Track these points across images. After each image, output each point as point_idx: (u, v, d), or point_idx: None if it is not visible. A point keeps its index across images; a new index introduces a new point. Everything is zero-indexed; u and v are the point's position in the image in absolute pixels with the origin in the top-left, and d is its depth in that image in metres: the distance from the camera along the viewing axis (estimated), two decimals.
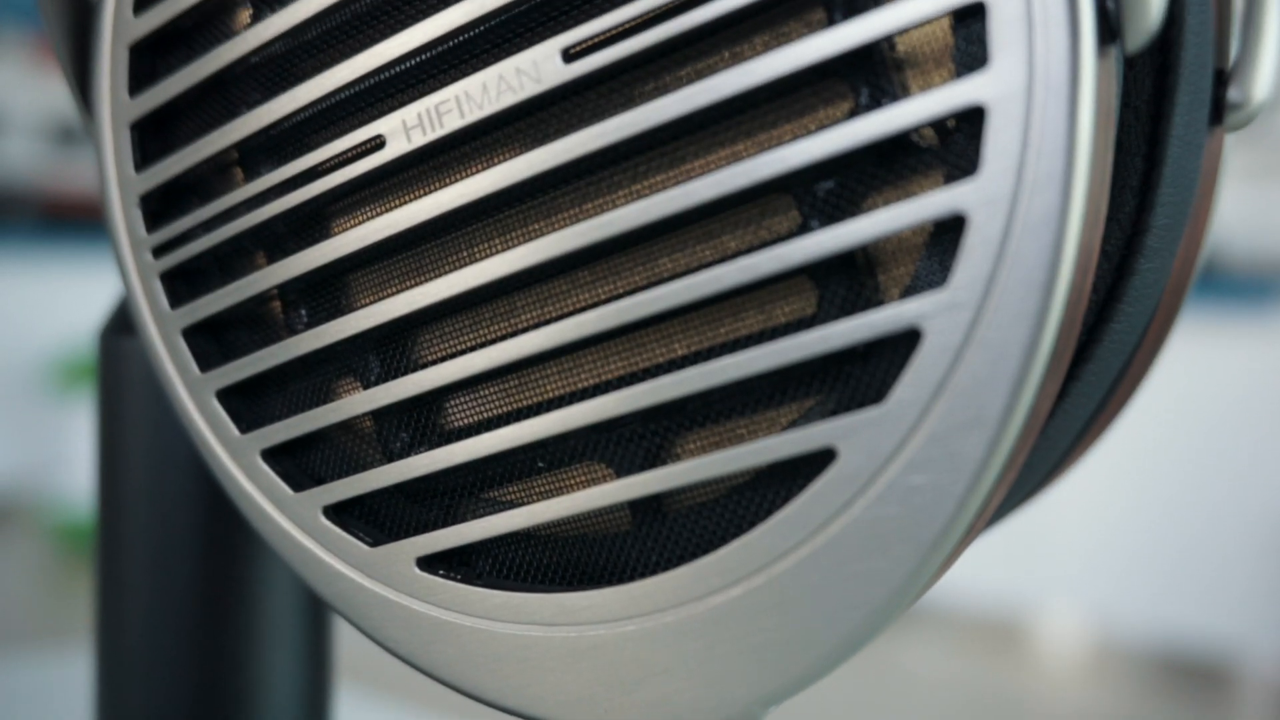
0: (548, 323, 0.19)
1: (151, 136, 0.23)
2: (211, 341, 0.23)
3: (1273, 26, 0.21)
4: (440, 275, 0.20)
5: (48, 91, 2.64)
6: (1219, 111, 0.21)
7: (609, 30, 0.18)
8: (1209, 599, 2.02)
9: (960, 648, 2.09)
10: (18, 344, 2.62)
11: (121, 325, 0.27)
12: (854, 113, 0.17)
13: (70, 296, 2.68)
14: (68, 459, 2.43)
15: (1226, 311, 1.91)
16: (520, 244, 0.19)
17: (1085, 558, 2.11)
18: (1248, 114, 0.21)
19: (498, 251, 0.20)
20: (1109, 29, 0.16)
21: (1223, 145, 0.22)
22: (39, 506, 2.53)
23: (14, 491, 2.61)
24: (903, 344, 0.17)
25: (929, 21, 0.16)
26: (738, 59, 0.18)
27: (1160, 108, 0.20)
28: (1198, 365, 1.90)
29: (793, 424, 0.18)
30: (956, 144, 0.17)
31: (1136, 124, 0.20)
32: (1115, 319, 0.20)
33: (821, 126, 0.17)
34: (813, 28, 0.18)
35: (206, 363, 0.22)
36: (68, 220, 2.66)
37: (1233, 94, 0.21)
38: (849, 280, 0.18)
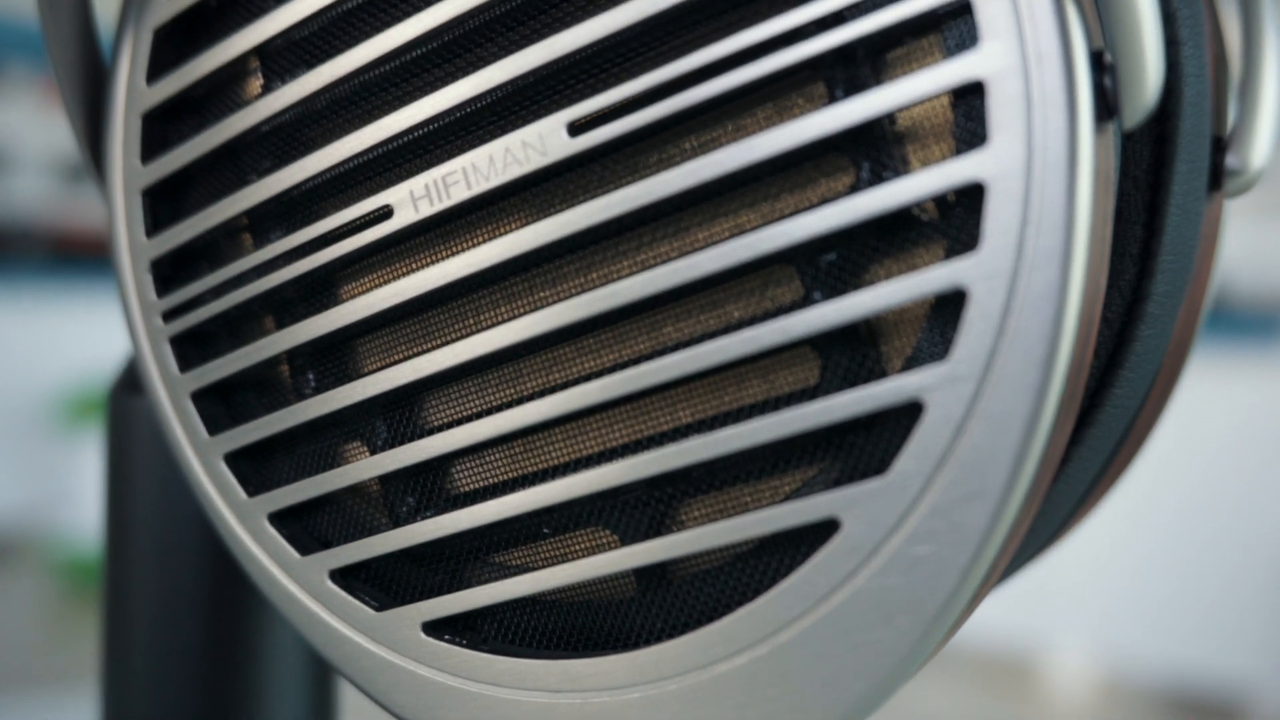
0: (553, 390, 0.19)
1: (163, 202, 0.23)
2: (219, 404, 0.23)
3: (1269, 94, 0.21)
4: (447, 343, 0.20)
5: (57, 129, 2.66)
6: (1217, 178, 0.21)
7: (614, 104, 0.18)
8: (1217, 635, 2.01)
9: (969, 684, 2.08)
10: (24, 380, 2.63)
11: (130, 384, 0.27)
12: (855, 187, 0.17)
13: (77, 333, 2.69)
14: (72, 495, 2.43)
15: (1231, 348, 1.91)
16: (526, 313, 0.19)
17: (1093, 594, 2.10)
18: (1246, 181, 0.21)
19: (504, 319, 0.20)
20: (1106, 106, 0.16)
21: (1221, 210, 0.22)
22: (43, 542, 2.53)
23: (18, 527, 2.61)
24: (905, 415, 0.17)
25: (929, 99, 0.17)
26: (741, 131, 0.18)
27: (1159, 177, 0.20)
28: (1203, 402, 1.90)
29: (796, 492, 0.18)
30: (957, 217, 0.17)
31: (1136, 193, 0.20)
32: (1117, 384, 0.20)
33: (823, 199, 0.18)
34: (814, 101, 0.18)
35: (215, 426, 0.23)
36: (76, 257, 2.68)
37: (1231, 161, 0.21)
38: (851, 351, 0.18)
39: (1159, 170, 0.20)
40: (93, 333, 2.73)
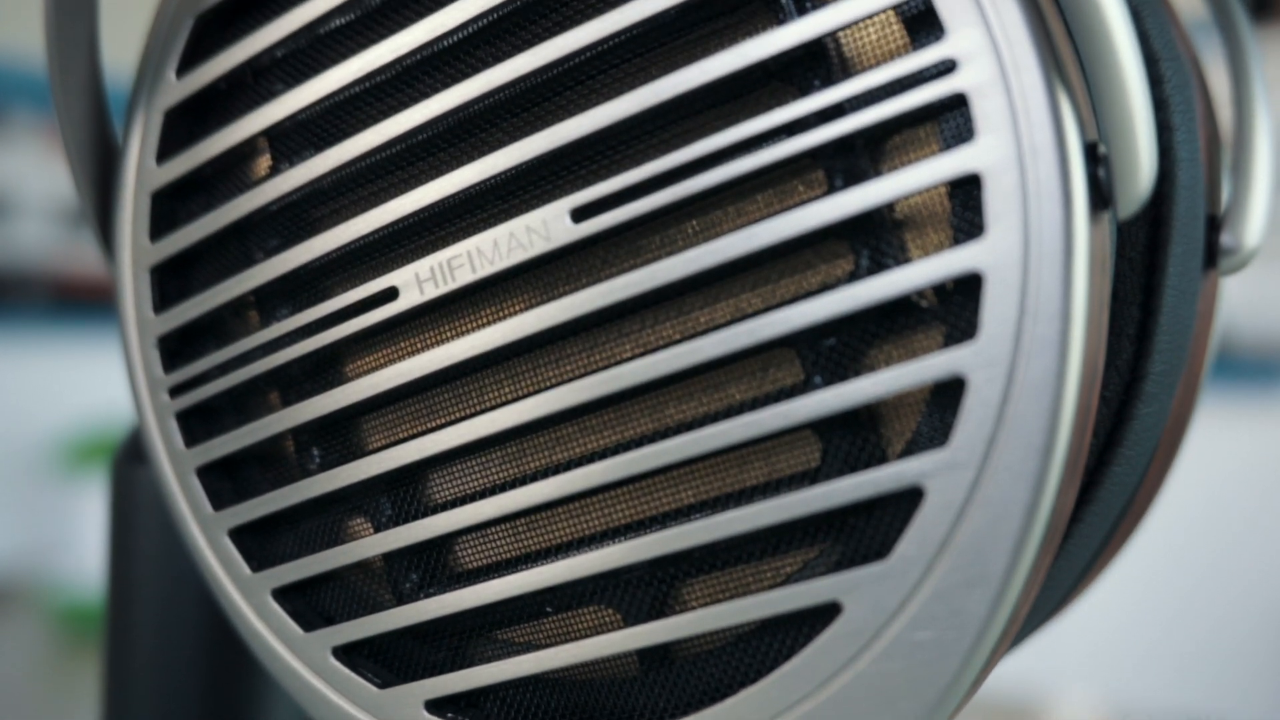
0: (557, 471, 0.20)
1: (170, 278, 0.23)
2: (224, 478, 0.23)
3: (1261, 174, 0.22)
4: (451, 423, 0.20)
5: (59, 175, 2.67)
6: (1212, 256, 0.21)
7: (617, 191, 0.19)
8: (1223, 684, 1.99)
9: None
10: (25, 424, 2.63)
11: (133, 453, 0.27)
12: (855, 274, 0.18)
13: (79, 377, 2.69)
14: (72, 541, 2.42)
15: (1235, 394, 1.91)
16: (530, 395, 0.20)
17: (1099, 642, 2.09)
18: (1241, 259, 0.21)
19: (508, 400, 0.20)
20: (1101, 197, 0.16)
21: (1217, 287, 0.22)
22: (42, 588, 2.52)
23: (17, 572, 2.60)
24: (906, 500, 0.17)
25: (927, 189, 0.17)
26: (742, 215, 0.19)
27: (1154, 259, 0.20)
28: (1208, 449, 1.89)
29: (797, 573, 0.18)
30: (955, 304, 0.17)
31: (1131, 274, 0.20)
32: (1115, 462, 0.21)
33: (824, 284, 0.18)
34: (813, 187, 0.18)
35: (219, 501, 0.23)
36: (77, 302, 2.68)
37: (1226, 239, 0.21)
38: (852, 434, 0.18)
39: (1154, 252, 0.20)
40: (94, 378, 2.72)
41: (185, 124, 0.23)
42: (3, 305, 2.57)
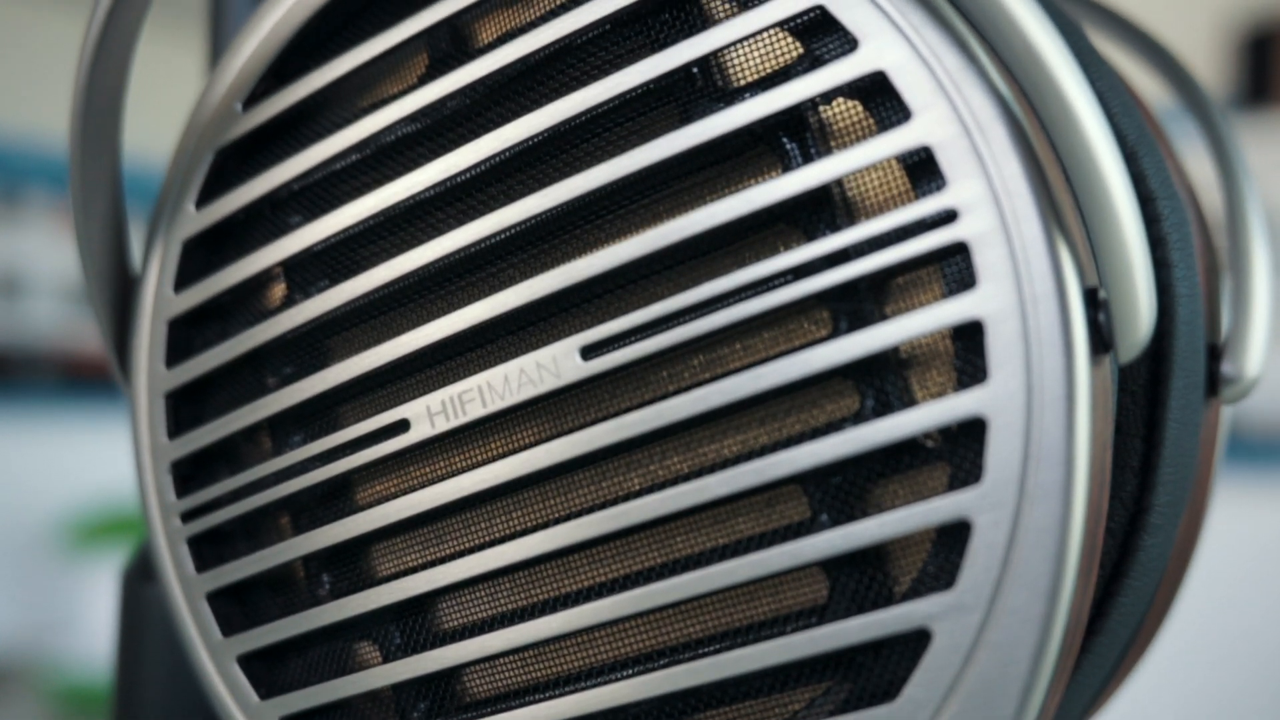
0: (564, 604, 0.20)
1: (184, 404, 0.24)
2: (234, 603, 0.23)
3: (1260, 305, 0.22)
4: (461, 554, 0.21)
5: (70, 254, 2.70)
6: (1214, 384, 0.22)
7: (626, 331, 0.19)
8: None
9: None
10: (30, 503, 2.63)
11: (143, 571, 0.27)
12: (860, 415, 0.18)
13: (84, 455, 2.69)
14: (74, 621, 2.40)
15: (1245, 475, 1.90)
16: (539, 529, 0.20)
17: None
18: (1242, 388, 0.22)
19: (516, 530, 0.21)
20: (1102, 341, 0.17)
21: (1219, 414, 0.22)
22: (42, 668, 2.50)
23: (18, 652, 2.57)
24: (913, 641, 0.17)
25: (931, 334, 0.17)
26: (748, 350, 0.19)
27: (1156, 393, 0.20)
28: (1219, 531, 1.88)
29: (805, 709, 0.18)
30: (960, 444, 0.17)
31: (1134, 407, 0.20)
32: (1122, 593, 0.21)
33: (829, 422, 0.18)
34: (817, 325, 0.19)
35: (229, 626, 0.23)
36: (85, 380, 2.69)
37: (1227, 369, 0.22)
38: (859, 572, 0.18)
39: (1156, 386, 0.20)
40: (99, 456, 2.73)
41: (203, 253, 0.24)
42: (12, 383, 2.58)
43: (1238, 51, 1.83)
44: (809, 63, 0.18)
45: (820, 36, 0.18)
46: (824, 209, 0.18)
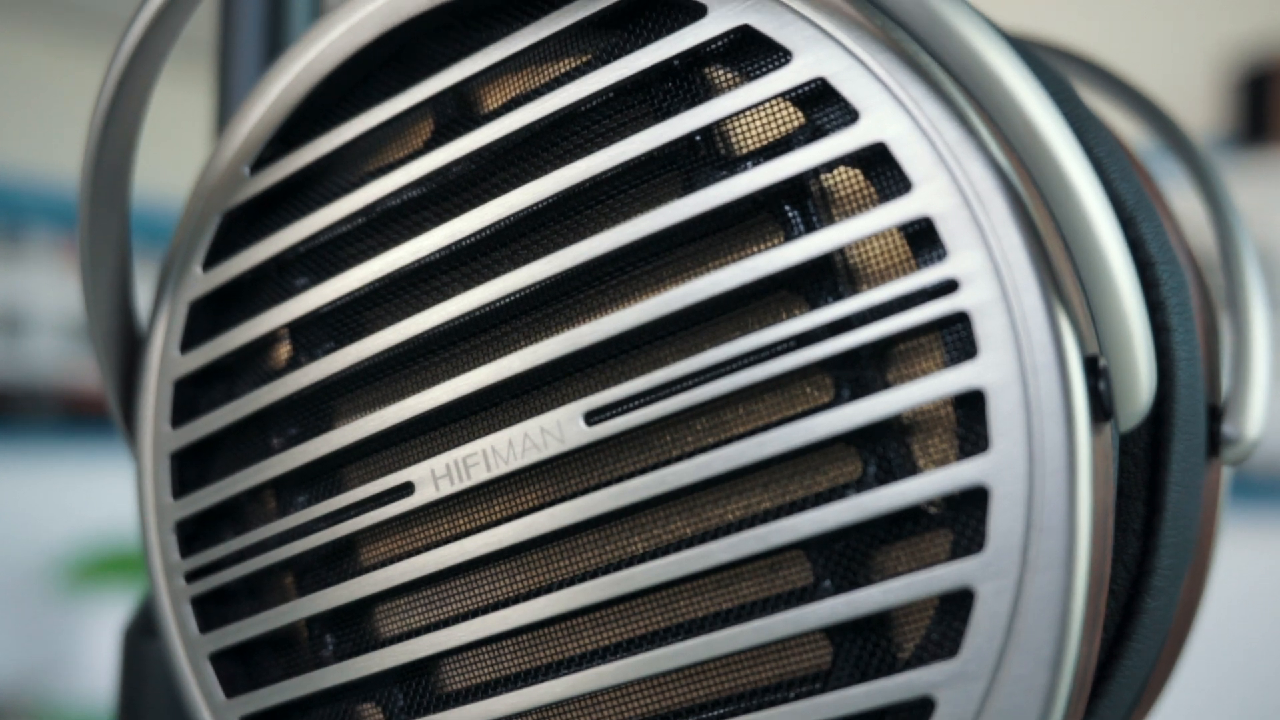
0: (569, 668, 0.20)
1: (189, 464, 0.24)
2: (237, 663, 0.23)
3: (1260, 365, 0.22)
4: (464, 617, 0.21)
5: (72, 292, 2.71)
6: (1215, 445, 0.22)
7: (630, 396, 0.19)
8: None
9: None
10: (31, 540, 2.62)
11: (145, 627, 0.27)
12: (862, 482, 0.18)
13: (85, 493, 2.69)
14: (73, 660, 2.39)
15: (1250, 515, 1.90)
16: (542, 592, 0.20)
17: None
18: (1243, 450, 0.22)
19: (522, 592, 0.21)
20: (1103, 409, 0.17)
21: (1220, 474, 0.22)
22: (41, 708, 2.48)
23: (17, 691, 2.56)
24: (917, 709, 0.17)
25: (932, 403, 0.17)
26: (750, 415, 0.19)
27: (1157, 455, 0.20)
28: (1228, 572, 1.88)
29: None
30: (963, 512, 0.17)
31: (1135, 470, 0.20)
32: (1126, 656, 0.21)
33: (832, 487, 0.18)
34: (819, 389, 0.19)
35: (232, 688, 0.23)
36: (86, 417, 2.70)
37: (1228, 430, 0.22)
38: (862, 638, 0.18)
39: (1157, 449, 0.20)
40: (100, 494, 2.73)
41: (209, 315, 0.24)
42: (13, 420, 2.58)
43: (1235, 90, 1.84)
44: (810, 132, 0.18)
45: (822, 106, 0.18)
46: (826, 276, 0.18)
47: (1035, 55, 0.22)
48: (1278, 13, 1.85)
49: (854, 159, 0.18)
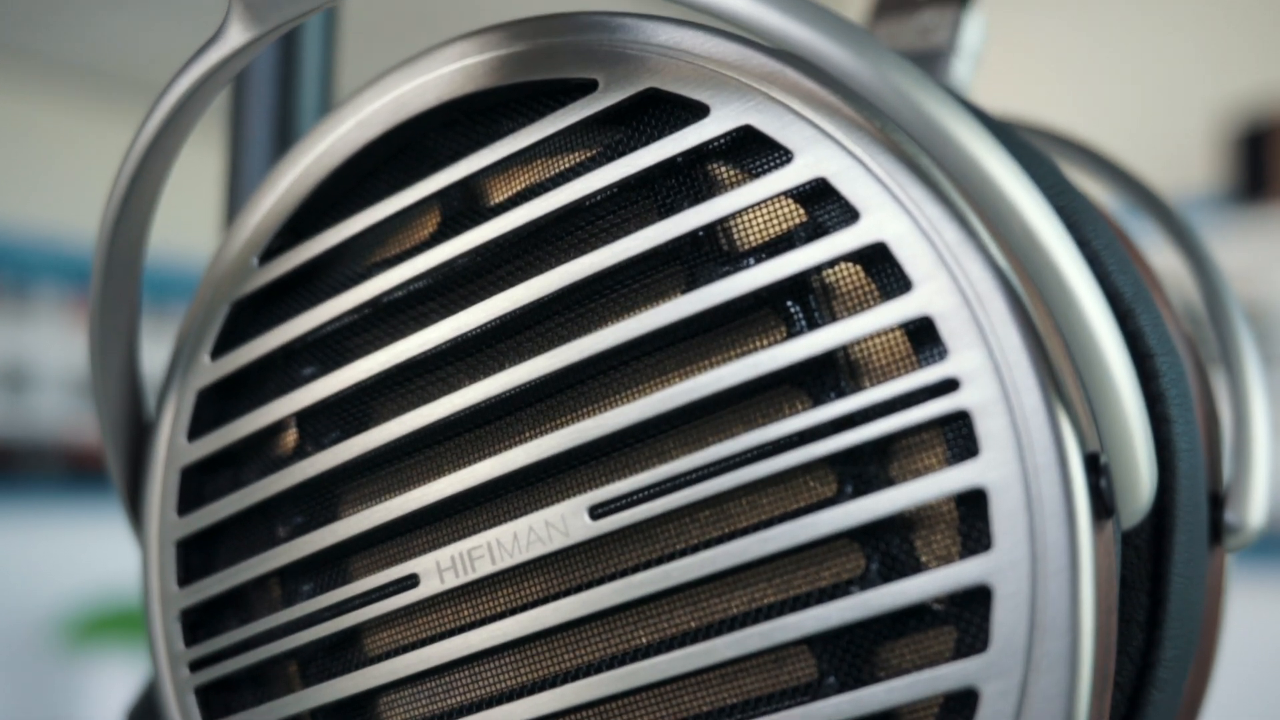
0: None
1: (195, 552, 0.24)
2: None
3: (1261, 454, 0.22)
4: (468, 709, 0.21)
5: (77, 347, 2.72)
6: (1217, 533, 0.22)
7: (634, 490, 0.19)
8: None
9: None
10: (33, 595, 2.61)
11: (147, 710, 0.27)
12: (865, 577, 0.18)
13: (87, 550, 2.68)
14: (74, 718, 2.37)
15: (1256, 571, 1.88)
16: (546, 687, 0.20)
17: None
18: (1245, 537, 0.22)
19: (526, 684, 0.21)
20: (1104, 506, 0.17)
21: (1224, 561, 0.22)
22: None
23: None
24: None
25: (935, 502, 0.17)
26: (754, 508, 0.19)
27: (1160, 546, 0.20)
28: (1238, 626, 1.86)
29: None
30: (966, 610, 0.17)
31: (1138, 561, 0.21)
32: None
33: (835, 581, 0.18)
34: (822, 483, 0.19)
35: None
36: (90, 473, 2.70)
37: (1230, 518, 0.22)
38: None
39: (1159, 540, 0.21)
40: (103, 550, 2.72)
41: (216, 403, 0.24)
42: (17, 475, 2.58)
43: (1234, 147, 1.85)
44: (812, 229, 0.19)
45: (823, 203, 0.19)
46: (829, 372, 0.19)
47: (1027, 144, 0.22)
48: (1275, 70, 1.87)
49: (855, 256, 0.18)
